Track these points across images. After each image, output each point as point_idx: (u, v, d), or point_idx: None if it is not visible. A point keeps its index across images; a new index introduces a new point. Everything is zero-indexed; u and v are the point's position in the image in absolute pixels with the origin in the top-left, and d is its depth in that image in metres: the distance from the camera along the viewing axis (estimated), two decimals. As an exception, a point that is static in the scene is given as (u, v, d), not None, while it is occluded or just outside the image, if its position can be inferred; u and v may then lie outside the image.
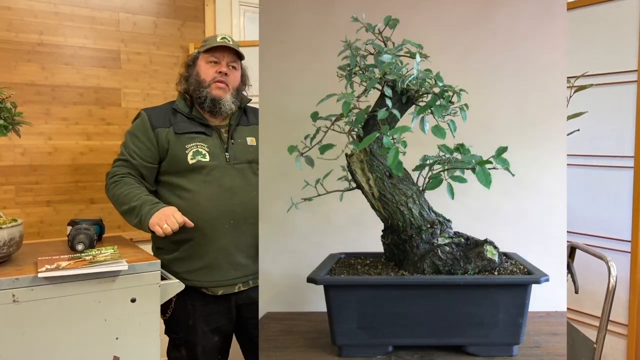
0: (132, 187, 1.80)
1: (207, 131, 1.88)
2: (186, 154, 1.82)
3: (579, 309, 2.06)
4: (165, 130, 1.85)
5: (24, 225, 1.69)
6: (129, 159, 1.85)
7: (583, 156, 2.04)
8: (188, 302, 1.84)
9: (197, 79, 1.89)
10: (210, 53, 1.89)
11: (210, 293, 1.85)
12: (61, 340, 1.52)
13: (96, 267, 1.54)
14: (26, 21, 2.42)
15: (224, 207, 1.81)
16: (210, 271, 1.83)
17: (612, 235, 1.95)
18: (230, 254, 1.83)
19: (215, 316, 1.87)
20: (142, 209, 1.73)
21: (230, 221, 1.83)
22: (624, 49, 1.90)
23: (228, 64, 1.91)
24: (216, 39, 1.91)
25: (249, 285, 1.90)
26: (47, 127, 2.49)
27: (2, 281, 1.43)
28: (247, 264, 1.87)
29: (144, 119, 1.88)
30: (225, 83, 1.88)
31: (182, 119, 1.89)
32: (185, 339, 1.88)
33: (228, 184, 1.84)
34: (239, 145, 1.92)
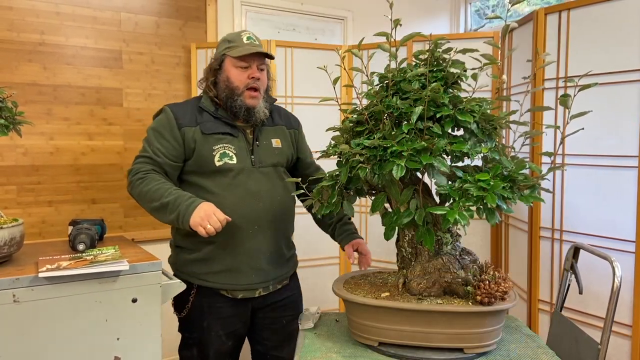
0: (160, 182, 1.72)
1: (234, 132, 1.82)
2: (213, 155, 1.77)
3: (583, 310, 2.04)
4: (192, 129, 1.78)
5: (25, 225, 1.68)
6: (153, 157, 1.77)
7: (587, 156, 2.03)
8: (205, 303, 1.82)
9: (228, 86, 1.81)
10: (241, 58, 1.80)
11: (230, 296, 1.82)
12: (62, 341, 1.51)
13: (97, 267, 1.53)
14: (28, 21, 2.42)
15: (248, 212, 1.77)
16: (231, 275, 1.80)
17: (617, 235, 1.94)
18: (252, 259, 1.80)
19: (232, 319, 1.85)
20: (179, 205, 1.65)
21: (255, 226, 1.79)
22: (628, 48, 1.89)
23: (258, 66, 1.83)
24: (241, 39, 1.82)
25: (269, 290, 1.87)
26: (48, 127, 2.49)
27: (3, 281, 1.43)
28: (268, 269, 1.84)
29: (169, 116, 1.80)
30: (258, 90, 1.82)
31: (208, 118, 1.82)
32: (198, 339, 1.85)
33: (254, 189, 1.79)
34: (264, 148, 1.86)
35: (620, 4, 1.91)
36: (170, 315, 1.91)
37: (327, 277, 2.67)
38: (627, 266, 1.88)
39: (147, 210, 1.75)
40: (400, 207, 1.40)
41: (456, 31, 3.74)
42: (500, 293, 1.36)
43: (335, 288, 1.53)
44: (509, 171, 1.35)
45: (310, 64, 2.72)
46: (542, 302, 2.20)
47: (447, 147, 1.31)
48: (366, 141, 1.36)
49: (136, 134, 2.71)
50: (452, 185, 1.32)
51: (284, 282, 1.94)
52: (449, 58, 1.43)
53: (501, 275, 1.41)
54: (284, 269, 1.92)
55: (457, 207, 1.26)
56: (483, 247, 2.60)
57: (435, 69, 1.44)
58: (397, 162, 1.26)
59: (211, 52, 2.74)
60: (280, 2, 3.13)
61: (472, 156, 1.35)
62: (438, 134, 1.33)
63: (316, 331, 1.62)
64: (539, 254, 2.19)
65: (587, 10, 2.01)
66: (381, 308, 1.40)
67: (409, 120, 1.33)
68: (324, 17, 3.30)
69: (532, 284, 2.21)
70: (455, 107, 1.36)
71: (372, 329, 1.43)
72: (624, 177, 1.92)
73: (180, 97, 2.80)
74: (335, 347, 1.48)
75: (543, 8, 2.14)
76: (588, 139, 1.99)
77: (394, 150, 1.28)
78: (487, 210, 1.28)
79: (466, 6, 3.75)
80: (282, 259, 1.90)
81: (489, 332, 1.39)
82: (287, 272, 1.94)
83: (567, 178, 2.09)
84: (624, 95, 1.91)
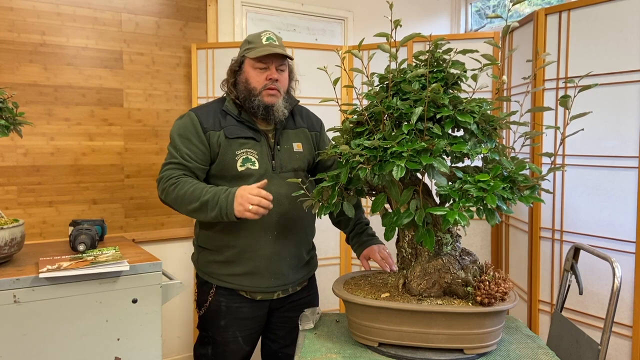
0: (194, 184, 1.71)
1: (257, 136, 1.81)
2: (236, 160, 1.77)
3: (583, 311, 2.04)
4: (216, 133, 1.78)
5: (26, 226, 1.69)
6: (183, 162, 1.75)
7: (587, 156, 2.03)
8: (223, 303, 1.83)
9: (246, 87, 1.81)
10: (259, 59, 1.79)
11: (248, 297, 1.83)
12: (62, 341, 1.51)
13: (97, 267, 1.53)
14: (28, 22, 2.42)
15: (268, 217, 1.74)
16: (250, 277, 1.80)
17: (617, 236, 1.94)
18: (272, 263, 1.80)
19: (249, 321, 1.85)
20: (218, 200, 1.64)
21: (275, 232, 1.80)
22: (629, 49, 1.89)
23: (277, 67, 1.82)
24: (261, 39, 1.81)
25: (288, 293, 1.89)
26: (49, 127, 2.50)
27: (4, 281, 1.43)
28: (288, 273, 1.85)
29: (194, 120, 1.79)
30: (276, 89, 1.80)
31: (231, 122, 1.81)
32: (214, 338, 1.86)
33: (274, 194, 1.75)
34: (285, 152, 1.86)
35: (620, 4, 1.92)
36: (170, 316, 1.91)
37: (328, 278, 2.67)
38: (627, 267, 1.88)
39: (186, 213, 1.75)
40: (400, 208, 1.40)
41: (457, 31, 3.74)
42: (500, 294, 1.36)
43: (335, 289, 1.53)
44: (509, 172, 1.35)
45: (311, 64, 2.71)
46: (542, 302, 2.20)
47: (447, 148, 1.31)
48: (366, 142, 1.36)
49: (137, 135, 2.71)
50: (452, 186, 1.32)
51: (304, 284, 1.95)
52: (449, 59, 1.43)
53: (501, 276, 1.41)
54: (304, 272, 1.92)
55: (457, 208, 1.26)
56: (483, 248, 2.60)
57: (436, 69, 1.44)
58: (397, 163, 1.26)
59: (212, 52, 2.75)
60: (281, 2, 3.13)
61: (472, 157, 1.35)
62: (438, 135, 1.33)
63: (316, 331, 1.62)
64: (539, 254, 2.19)
65: (587, 11, 2.01)
66: (381, 309, 1.40)
67: (409, 121, 1.33)
68: (324, 17, 3.30)
69: (533, 284, 2.21)
70: (456, 108, 1.36)
71: (372, 329, 1.43)
72: (624, 178, 1.92)
73: (181, 97, 2.80)
74: (335, 348, 1.48)
75: (543, 8, 2.14)
76: (588, 139, 1.99)
77: (394, 151, 1.28)
78: (487, 211, 1.28)
79: (467, 6, 3.75)
80: (302, 262, 1.90)
81: (489, 332, 1.39)
82: (307, 275, 1.95)
83: (567, 179, 2.10)
84: (624, 96, 1.91)
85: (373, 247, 1.88)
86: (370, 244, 1.89)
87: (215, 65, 2.74)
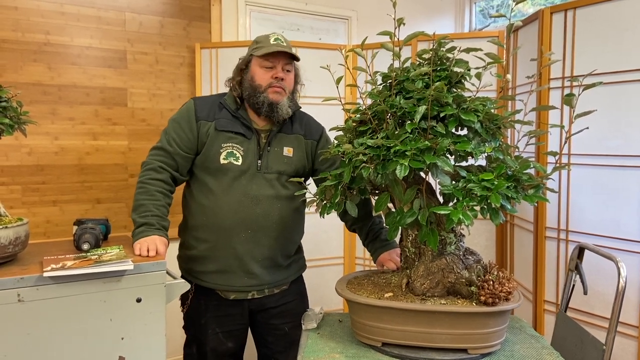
0: (150, 199, 1.76)
1: (247, 134, 1.82)
2: (220, 152, 1.79)
3: (588, 311, 2.03)
4: (207, 123, 1.81)
5: (30, 225, 1.69)
6: (166, 147, 1.80)
7: (592, 155, 2.02)
8: (202, 301, 1.85)
9: (252, 84, 1.82)
10: (265, 58, 1.81)
11: (223, 296, 1.84)
12: (66, 340, 1.51)
13: (102, 266, 1.53)
14: (32, 21, 2.43)
15: (244, 215, 1.77)
16: (223, 276, 1.81)
17: (622, 235, 1.93)
18: (244, 263, 1.80)
19: (227, 319, 1.87)
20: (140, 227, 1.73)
21: (248, 231, 1.79)
22: (634, 47, 1.88)
23: (283, 67, 1.83)
24: (269, 40, 1.82)
25: (264, 294, 1.87)
26: (53, 127, 2.50)
27: (8, 280, 1.43)
28: (262, 274, 1.83)
29: (189, 108, 1.84)
30: (281, 88, 1.81)
31: (226, 115, 1.83)
32: (196, 337, 1.88)
33: (253, 193, 1.79)
34: (274, 154, 1.85)
35: (626, 2, 1.90)
36: (174, 314, 1.92)
37: (331, 278, 2.67)
38: (633, 266, 1.87)
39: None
40: (404, 207, 1.39)
41: (461, 31, 3.73)
42: (504, 293, 1.36)
43: (338, 288, 1.53)
44: (513, 171, 1.34)
45: (314, 63, 2.70)
46: (547, 302, 2.19)
47: (450, 147, 1.30)
48: (369, 141, 1.35)
49: (141, 134, 2.71)
50: (456, 185, 1.32)
51: (282, 287, 1.92)
52: (452, 57, 1.43)
53: (505, 276, 1.40)
54: (281, 275, 1.90)
55: (460, 207, 1.25)
56: (488, 248, 2.60)
57: (439, 68, 1.43)
58: (401, 162, 1.25)
59: (215, 52, 2.75)
60: (285, 2, 3.13)
61: (476, 156, 1.34)
62: (442, 134, 1.32)
63: (319, 331, 1.61)
64: (544, 254, 2.18)
65: (593, 9, 2.00)
66: (384, 308, 1.39)
67: (413, 120, 1.33)
68: (328, 17, 3.29)
69: (538, 284, 2.20)
70: (459, 107, 1.36)
71: (376, 329, 1.42)
72: (629, 177, 1.91)
73: (185, 96, 2.81)
74: (338, 348, 1.47)
75: (549, 7, 2.13)
76: (593, 138, 1.98)
77: (397, 150, 1.28)
78: (491, 210, 1.27)
79: (471, 6, 3.73)
80: (277, 265, 1.88)
81: (493, 332, 1.38)
82: (286, 278, 1.92)
83: (572, 178, 2.08)
84: (629, 95, 1.90)
85: (384, 254, 1.85)
86: (382, 252, 1.87)
87: (219, 65, 2.74)
